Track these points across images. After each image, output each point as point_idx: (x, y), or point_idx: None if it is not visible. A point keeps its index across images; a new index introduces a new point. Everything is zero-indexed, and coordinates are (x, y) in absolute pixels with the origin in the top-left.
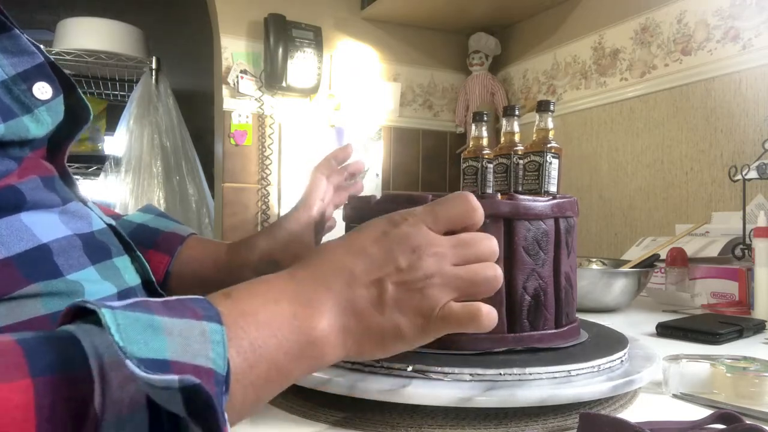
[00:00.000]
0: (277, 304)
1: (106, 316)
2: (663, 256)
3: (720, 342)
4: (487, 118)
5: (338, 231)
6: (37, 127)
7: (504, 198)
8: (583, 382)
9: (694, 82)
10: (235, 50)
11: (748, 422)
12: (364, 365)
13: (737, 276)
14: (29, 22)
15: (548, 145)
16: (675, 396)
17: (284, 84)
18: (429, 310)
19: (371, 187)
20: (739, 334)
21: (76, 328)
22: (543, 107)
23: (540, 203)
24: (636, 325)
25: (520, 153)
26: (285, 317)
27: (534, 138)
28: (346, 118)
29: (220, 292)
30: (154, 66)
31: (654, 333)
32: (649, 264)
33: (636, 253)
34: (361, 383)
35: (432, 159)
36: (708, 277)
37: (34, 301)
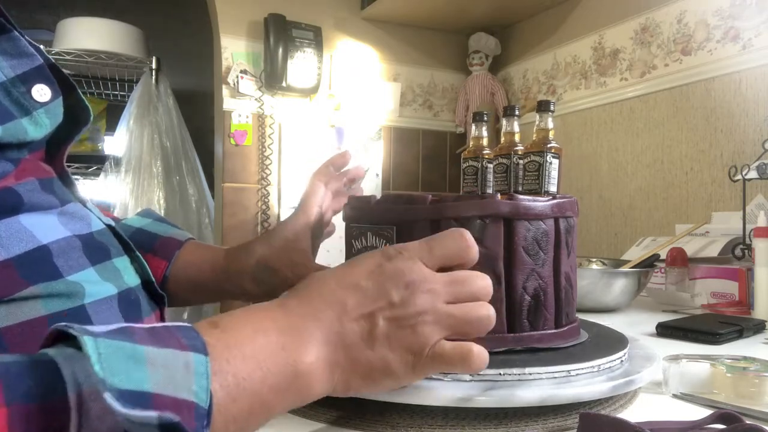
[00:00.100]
0: (266, 335)
1: (88, 344)
2: (663, 256)
3: (720, 342)
4: (487, 118)
5: (338, 234)
6: (36, 129)
7: (504, 198)
8: (583, 382)
9: (694, 82)
10: (235, 50)
11: (748, 422)
12: None
13: (737, 276)
14: (29, 22)
15: (548, 145)
16: (675, 396)
17: (284, 84)
18: (420, 348)
19: (371, 187)
20: (739, 334)
21: (57, 353)
22: (543, 107)
23: (540, 203)
24: (636, 325)
25: (520, 153)
26: (273, 349)
27: (534, 138)
28: (346, 118)
29: (208, 321)
30: (154, 66)
31: (654, 333)
32: (649, 264)
33: (636, 253)
34: None
35: (432, 159)
36: (708, 277)
37: (34, 302)
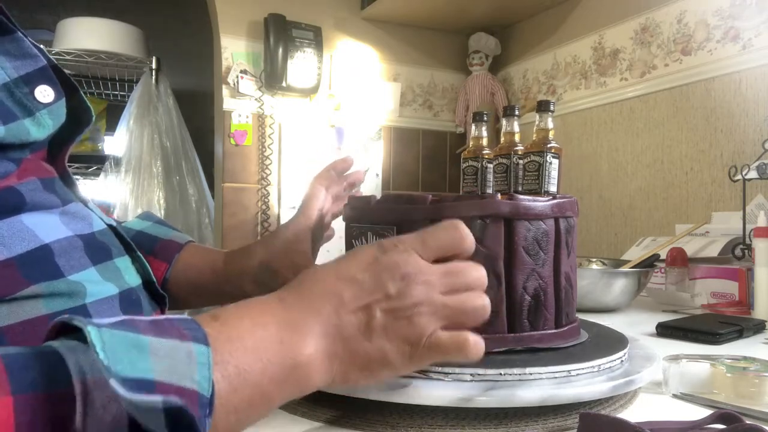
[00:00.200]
0: (265, 329)
1: (92, 333)
2: (663, 256)
3: (720, 342)
4: (487, 118)
5: (338, 234)
6: (38, 130)
7: (504, 198)
8: (583, 382)
9: (694, 82)
10: (235, 50)
11: (748, 422)
12: None
13: (737, 276)
14: (29, 21)
15: (548, 145)
16: (675, 396)
17: (284, 84)
18: (416, 338)
19: (371, 187)
20: (739, 334)
21: (60, 344)
22: (543, 107)
23: (540, 203)
24: (636, 325)
25: (520, 153)
26: (272, 342)
27: (534, 138)
28: (346, 118)
29: (208, 314)
30: (154, 66)
31: (654, 333)
32: (649, 264)
33: (636, 253)
34: None
35: (432, 159)
36: (708, 277)
37: (36, 301)
